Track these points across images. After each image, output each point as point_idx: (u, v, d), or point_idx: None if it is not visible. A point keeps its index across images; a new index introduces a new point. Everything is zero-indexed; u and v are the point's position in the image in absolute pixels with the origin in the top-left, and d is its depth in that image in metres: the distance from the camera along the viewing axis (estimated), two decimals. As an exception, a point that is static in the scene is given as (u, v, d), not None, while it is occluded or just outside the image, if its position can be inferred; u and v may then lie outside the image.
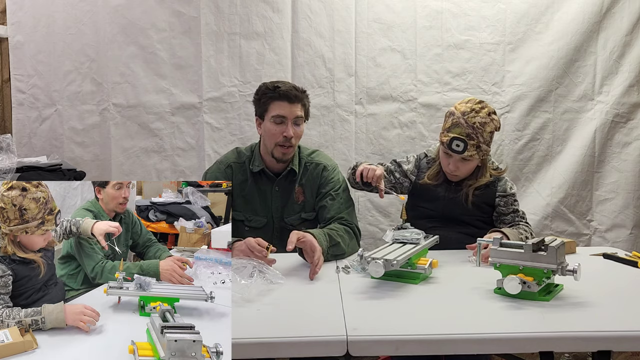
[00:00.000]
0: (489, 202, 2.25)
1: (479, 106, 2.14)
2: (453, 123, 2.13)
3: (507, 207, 2.24)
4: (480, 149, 2.12)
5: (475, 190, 2.22)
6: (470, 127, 2.10)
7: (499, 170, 2.28)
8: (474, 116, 2.11)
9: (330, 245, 2.03)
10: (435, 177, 2.27)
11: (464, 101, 2.19)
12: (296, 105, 2.18)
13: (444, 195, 2.26)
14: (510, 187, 2.27)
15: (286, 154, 2.21)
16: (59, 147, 3.15)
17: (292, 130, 2.16)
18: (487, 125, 2.13)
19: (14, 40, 3.13)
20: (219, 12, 3.09)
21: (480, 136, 2.11)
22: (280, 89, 2.17)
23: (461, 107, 2.15)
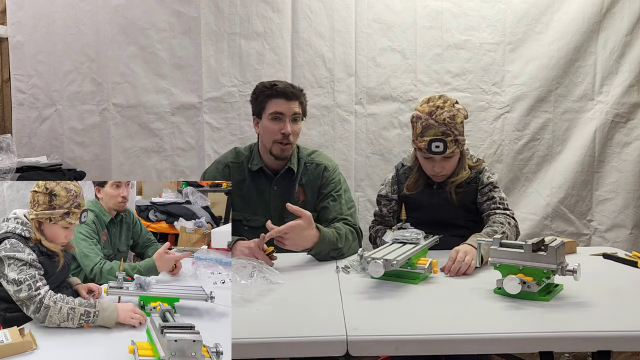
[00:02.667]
0: (472, 200, 2.24)
1: (441, 101, 2.13)
2: (424, 126, 2.11)
3: (484, 195, 2.22)
4: (458, 141, 2.12)
5: (457, 188, 2.21)
6: (442, 125, 2.09)
7: (477, 161, 2.27)
8: (441, 113, 2.10)
9: (333, 248, 2.04)
10: (415, 186, 2.27)
11: (424, 101, 2.18)
12: (293, 103, 2.19)
13: (429, 201, 2.25)
14: (488, 177, 2.23)
15: (284, 151, 2.22)
16: (59, 147, 3.14)
17: (289, 127, 2.17)
18: (456, 117, 2.11)
19: (14, 40, 3.13)
20: (219, 12, 3.09)
21: (454, 129, 2.10)
22: (277, 86, 2.19)
23: (425, 109, 2.14)
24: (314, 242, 2.00)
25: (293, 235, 1.95)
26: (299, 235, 1.97)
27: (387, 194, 2.34)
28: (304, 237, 1.98)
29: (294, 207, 2.00)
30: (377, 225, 2.33)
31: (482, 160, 2.30)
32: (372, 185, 3.13)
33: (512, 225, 2.12)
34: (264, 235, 1.93)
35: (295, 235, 1.96)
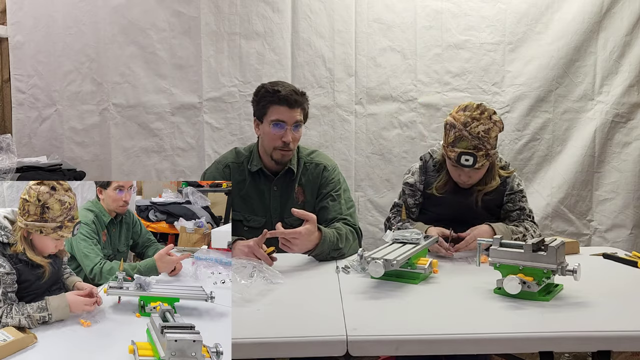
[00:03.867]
0: (498, 203, 2.22)
1: (477, 112, 2.03)
2: (456, 137, 2.02)
3: (514, 204, 2.20)
4: (489, 155, 2.04)
5: (484, 196, 2.18)
6: (475, 139, 2.00)
7: (508, 170, 2.22)
8: (477, 125, 2.00)
9: (334, 249, 2.05)
10: (443, 188, 2.20)
11: (461, 108, 2.07)
12: (296, 110, 2.15)
13: (451, 199, 2.20)
14: (517, 184, 2.22)
15: (285, 157, 2.21)
16: (59, 147, 3.15)
17: (291, 135, 2.15)
18: (491, 131, 2.02)
19: (14, 40, 3.13)
20: (219, 12, 3.09)
21: (487, 144, 2.00)
22: (280, 93, 2.13)
23: (460, 118, 2.03)
24: (316, 243, 2.00)
25: (301, 240, 1.94)
26: (307, 240, 1.96)
27: (416, 183, 2.25)
28: (310, 241, 1.98)
29: (300, 211, 1.98)
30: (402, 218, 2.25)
31: (513, 169, 2.25)
32: (372, 185, 3.13)
33: (537, 235, 2.12)
34: (267, 231, 1.92)
35: (303, 241, 1.95)
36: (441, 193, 2.21)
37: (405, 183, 2.29)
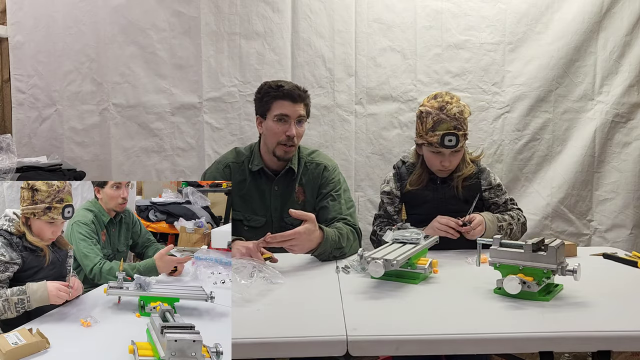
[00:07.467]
0: (474, 194, 2.26)
1: (448, 97, 2.17)
2: (435, 121, 2.14)
3: (500, 197, 2.29)
4: (466, 136, 2.18)
5: (463, 182, 2.25)
6: (453, 119, 2.13)
7: (476, 155, 2.33)
8: (451, 107, 2.14)
9: (335, 248, 2.05)
10: (418, 181, 2.28)
11: (431, 97, 2.20)
12: (299, 105, 2.19)
13: (433, 196, 2.27)
14: (494, 179, 2.31)
15: (288, 153, 2.22)
16: (59, 147, 3.14)
17: (294, 129, 2.17)
18: (464, 112, 2.17)
19: (14, 40, 3.13)
20: (219, 12, 3.09)
21: (463, 124, 2.15)
22: (283, 88, 2.18)
23: (434, 104, 2.16)
24: (318, 242, 2.00)
25: (301, 240, 1.94)
26: (307, 239, 1.96)
27: (392, 190, 2.33)
28: (311, 240, 1.98)
29: (297, 212, 1.99)
30: (385, 225, 2.30)
31: (480, 154, 2.35)
32: (372, 185, 3.13)
33: (521, 222, 2.27)
34: (270, 234, 1.92)
35: (303, 240, 1.95)
36: (415, 186, 2.28)
37: (382, 192, 2.38)
